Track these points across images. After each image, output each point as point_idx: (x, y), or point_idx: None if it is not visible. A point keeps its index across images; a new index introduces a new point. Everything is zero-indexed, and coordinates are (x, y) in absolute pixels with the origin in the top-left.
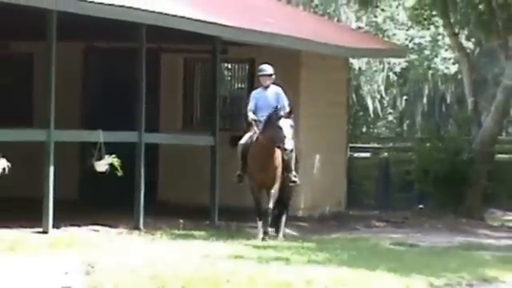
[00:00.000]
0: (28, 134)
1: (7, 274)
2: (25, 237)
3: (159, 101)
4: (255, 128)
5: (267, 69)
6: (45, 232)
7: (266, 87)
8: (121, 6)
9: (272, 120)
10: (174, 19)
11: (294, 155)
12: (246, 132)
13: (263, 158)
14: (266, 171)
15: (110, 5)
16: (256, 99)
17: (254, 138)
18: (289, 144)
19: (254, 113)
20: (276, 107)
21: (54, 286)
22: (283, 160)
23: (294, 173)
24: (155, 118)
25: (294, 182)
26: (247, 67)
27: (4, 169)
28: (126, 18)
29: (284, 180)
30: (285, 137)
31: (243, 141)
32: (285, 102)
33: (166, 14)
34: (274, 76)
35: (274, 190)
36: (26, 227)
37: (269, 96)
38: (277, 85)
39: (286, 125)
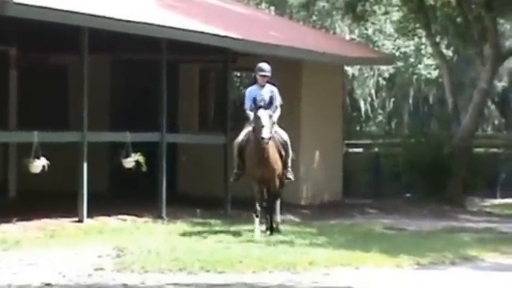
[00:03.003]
0: (65, 136)
1: (48, 257)
2: (62, 225)
3: (178, 105)
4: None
5: (266, 69)
6: (80, 221)
7: (262, 85)
8: (144, 23)
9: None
10: (190, 34)
11: (289, 149)
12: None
13: (259, 153)
14: (264, 167)
15: (135, 22)
16: (251, 96)
17: (250, 136)
18: (265, 133)
19: (251, 110)
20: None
21: (88, 268)
22: (281, 155)
23: (289, 169)
24: (175, 120)
25: (288, 178)
26: (254, 75)
27: (44, 166)
28: (149, 34)
29: (282, 175)
30: (262, 126)
31: (239, 139)
32: (277, 101)
33: (183, 30)
34: (269, 76)
35: (273, 189)
36: (63, 217)
37: (264, 94)
38: (272, 84)
39: (263, 115)
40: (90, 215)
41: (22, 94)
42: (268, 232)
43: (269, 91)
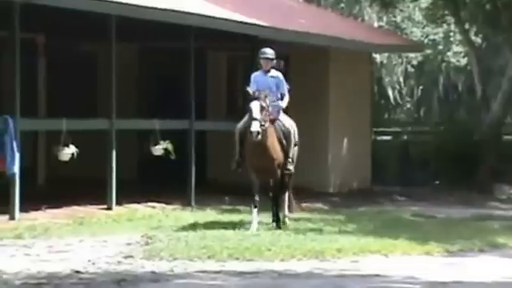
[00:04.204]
0: (93, 124)
1: (78, 245)
2: (92, 213)
3: (206, 93)
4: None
5: (269, 52)
6: (109, 208)
7: (267, 71)
8: (172, 11)
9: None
10: (218, 21)
11: (292, 138)
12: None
13: (255, 143)
14: (261, 156)
15: (163, 9)
16: (256, 82)
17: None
18: (254, 127)
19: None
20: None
21: (117, 255)
22: (282, 145)
23: (289, 160)
24: (203, 108)
25: (288, 170)
26: (282, 63)
27: (73, 154)
28: (177, 21)
29: (283, 166)
30: (253, 119)
31: (239, 125)
32: (284, 87)
33: (211, 17)
34: (275, 61)
35: (273, 179)
36: (92, 205)
37: (268, 80)
38: (278, 70)
39: (255, 106)
40: (118, 203)
41: (51, 81)
42: (274, 224)
43: (274, 77)
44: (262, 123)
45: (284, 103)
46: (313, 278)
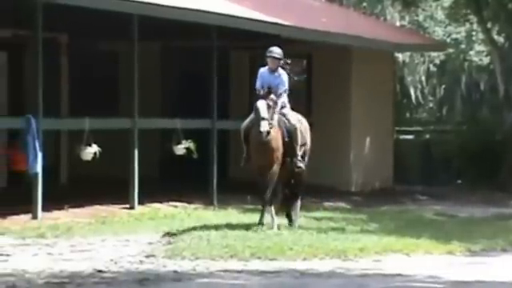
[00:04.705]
0: (115, 123)
1: (100, 244)
2: (114, 212)
3: (229, 92)
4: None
5: (276, 52)
6: (131, 208)
7: (273, 70)
8: (194, 10)
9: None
10: (241, 20)
11: (298, 136)
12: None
13: (258, 141)
14: (264, 155)
15: (185, 8)
16: (262, 78)
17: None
18: (263, 126)
19: (259, 92)
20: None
21: (139, 254)
22: (284, 143)
23: (299, 157)
24: (225, 107)
25: (299, 167)
26: (304, 62)
27: (95, 153)
28: (199, 20)
29: (288, 165)
30: (261, 119)
31: (244, 124)
32: (281, 86)
33: (234, 16)
34: (282, 61)
35: (270, 176)
36: (114, 204)
37: (273, 78)
38: (284, 70)
39: (262, 106)
40: (141, 202)
41: (73, 81)
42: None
43: (278, 76)
44: (270, 122)
45: (279, 102)
46: (335, 277)
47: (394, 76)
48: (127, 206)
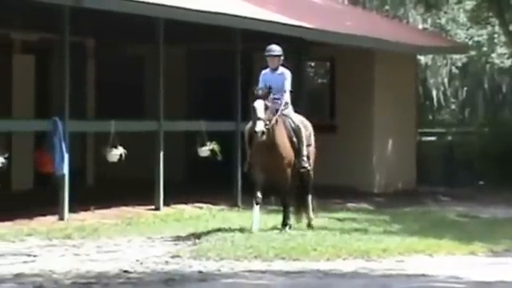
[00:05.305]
0: (141, 125)
1: (126, 244)
2: (140, 213)
3: None
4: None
5: (275, 49)
6: (156, 209)
7: (275, 69)
8: (218, 13)
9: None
10: (264, 23)
11: (303, 136)
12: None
13: (262, 143)
14: (271, 155)
15: (209, 12)
16: (264, 81)
17: None
18: (259, 127)
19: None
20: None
21: (165, 255)
22: (292, 143)
23: (304, 158)
24: (249, 109)
25: (304, 167)
26: (328, 64)
27: (121, 155)
28: (223, 23)
29: (295, 165)
30: (258, 119)
31: (248, 126)
32: (287, 85)
33: (257, 19)
34: (282, 58)
35: (284, 179)
36: (140, 205)
37: (276, 77)
38: (285, 67)
39: (259, 106)
40: (166, 203)
41: (99, 84)
42: (286, 228)
43: (280, 74)
44: (267, 123)
45: (282, 101)
46: (358, 277)
47: (417, 78)
48: (153, 207)
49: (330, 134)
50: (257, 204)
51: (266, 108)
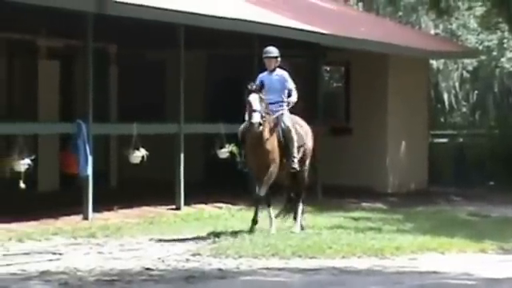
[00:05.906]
0: (162, 128)
1: (148, 243)
2: (161, 213)
3: None
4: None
5: (272, 51)
6: (177, 208)
7: (272, 71)
8: (236, 19)
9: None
10: (281, 29)
11: (293, 137)
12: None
13: (253, 142)
14: (258, 156)
15: (228, 18)
16: (262, 83)
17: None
18: (255, 118)
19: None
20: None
21: (185, 253)
22: (280, 143)
23: (294, 159)
24: None
25: (293, 168)
26: (343, 69)
27: (143, 157)
28: (241, 29)
29: (284, 166)
30: (253, 111)
31: (241, 127)
32: (290, 85)
33: (274, 25)
34: (279, 59)
35: (267, 177)
36: (162, 205)
37: (274, 79)
38: (283, 68)
39: (254, 99)
40: (187, 203)
41: (122, 88)
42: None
43: (279, 76)
44: (263, 114)
45: (293, 99)
46: (372, 274)
47: (429, 82)
48: (174, 207)
49: (346, 136)
50: (268, 206)
51: (261, 100)
